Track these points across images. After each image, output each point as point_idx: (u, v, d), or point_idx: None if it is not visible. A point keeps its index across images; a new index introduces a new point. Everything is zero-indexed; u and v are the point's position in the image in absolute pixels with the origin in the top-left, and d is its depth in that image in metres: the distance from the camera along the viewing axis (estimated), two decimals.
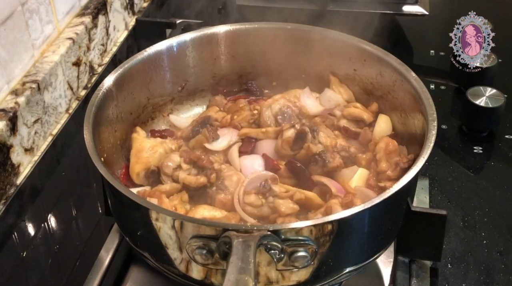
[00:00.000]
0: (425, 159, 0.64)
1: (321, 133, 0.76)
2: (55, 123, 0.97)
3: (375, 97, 0.83)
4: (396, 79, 0.78)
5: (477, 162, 0.91)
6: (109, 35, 1.14)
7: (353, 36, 0.83)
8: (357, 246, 0.64)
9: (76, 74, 1.02)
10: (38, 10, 0.95)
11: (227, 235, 0.56)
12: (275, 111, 0.80)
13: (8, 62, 0.88)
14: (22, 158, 0.88)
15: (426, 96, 0.72)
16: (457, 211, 0.83)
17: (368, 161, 0.76)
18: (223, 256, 0.57)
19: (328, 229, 0.59)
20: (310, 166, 0.74)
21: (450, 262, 0.76)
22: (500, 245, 0.78)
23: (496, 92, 0.93)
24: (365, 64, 0.82)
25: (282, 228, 0.58)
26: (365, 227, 0.63)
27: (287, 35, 0.86)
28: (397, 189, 0.61)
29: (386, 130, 0.80)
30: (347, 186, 0.72)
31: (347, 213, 0.59)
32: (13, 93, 0.88)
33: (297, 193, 0.69)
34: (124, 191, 0.62)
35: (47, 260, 0.79)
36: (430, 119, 0.68)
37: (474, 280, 0.73)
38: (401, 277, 0.72)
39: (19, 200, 0.85)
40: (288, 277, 0.61)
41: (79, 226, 0.84)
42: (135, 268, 0.75)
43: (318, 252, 0.59)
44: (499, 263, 0.75)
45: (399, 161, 0.73)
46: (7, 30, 0.87)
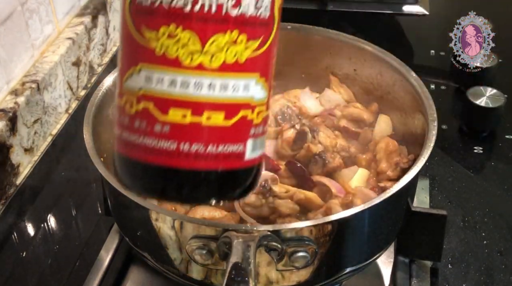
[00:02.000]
0: (426, 159, 0.64)
1: (321, 133, 0.76)
2: (55, 123, 0.97)
3: (375, 97, 0.83)
4: (396, 79, 0.78)
5: (477, 162, 0.91)
6: (109, 35, 1.14)
7: (353, 36, 0.83)
8: (357, 246, 0.64)
9: (76, 74, 1.02)
10: (38, 10, 0.95)
11: (227, 235, 0.56)
12: (275, 111, 0.80)
13: (8, 62, 0.88)
14: (22, 158, 0.88)
15: (426, 96, 0.71)
16: (458, 211, 0.83)
17: (368, 161, 0.76)
18: (223, 256, 0.57)
19: (328, 229, 0.59)
20: (310, 166, 0.74)
21: (450, 262, 0.76)
22: (500, 245, 0.78)
23: (497, 92, 0.93)
24: (365, 64, 0.82)
25: (282, 228, 0.58)
26: (365, 227, 0.63)
27: (287, 35, 0.86)
28: (397, 189, 0.61)
29: (386, 131, 0.80)
30: (347, 186, 0.72)
31: (347, 213, 0.59)
32: (12, 93, 0.88)
33: (297, 193, 0.69)
34: (124, 191, 0.62)
35: (47, 260, 0.79)
36: (431, 120, 0.68)
37: (474, 280, 0.73)
38: (401, 277, 0.72)
39: (18, 200, 0.85)
40: (288, 277, 0.61)
41: (78, 226, 0.84)
42: (135, 268, 0.75)
43: (318, 252, 0.59)
44: (499, 263, 0.75)
45: (399, 161, 0.73)
46: (6, 30, 0.87)
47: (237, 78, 0.41)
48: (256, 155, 0.44)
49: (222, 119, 0.41)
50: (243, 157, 0.43)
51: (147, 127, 0.41)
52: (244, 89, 0.42)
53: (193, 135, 0.41)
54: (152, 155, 0.41)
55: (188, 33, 0.40)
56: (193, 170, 0.42)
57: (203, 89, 0.40)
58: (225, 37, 0.40)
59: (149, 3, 0.40)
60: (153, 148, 0.41)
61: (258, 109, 0.43)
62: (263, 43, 0.43)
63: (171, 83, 0.40)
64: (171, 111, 0.41)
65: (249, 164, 0.44)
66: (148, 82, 0.41)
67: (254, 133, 0.43)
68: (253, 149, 0.44)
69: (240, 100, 0.42)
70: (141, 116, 0.41)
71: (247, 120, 0.43)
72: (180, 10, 0.39)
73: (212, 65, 0.40)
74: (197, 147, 0.41)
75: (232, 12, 0.40)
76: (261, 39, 0.43)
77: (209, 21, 0.40)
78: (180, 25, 0.40)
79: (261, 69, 0.43)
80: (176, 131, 0.41)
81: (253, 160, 0.44)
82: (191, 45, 0.40)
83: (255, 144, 0.44)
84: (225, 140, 0.42)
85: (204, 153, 0.41)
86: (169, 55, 0.40)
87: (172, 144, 0.41)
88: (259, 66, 0.43)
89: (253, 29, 0.42)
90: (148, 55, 0.41)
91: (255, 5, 0.41)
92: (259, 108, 0.43)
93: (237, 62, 0.41)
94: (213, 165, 0.42)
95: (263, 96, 0.44)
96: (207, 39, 0.40)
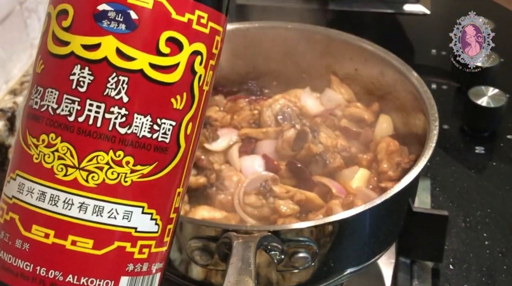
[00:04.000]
0: (427, 159, 0.63)
1: (321, 133, 0.76)
2: None
3: (376, 97, 0.82)
4: (398, 79, 0.77)
5: (479, 162, 0.91)
6: None
7: (354, 36, 0.83)
8: (358, 247, 0.64)
9: None
10: (37, 9, 0.94)
11: (227, 236, 0.56)
12: (276, 111, 0.80)
13: (7, 61, 0.88)
14: None
15: (427, 96, 0.71)
16: (459, 211, 0.82)
17: (369, 161, 0.76)
18: (223, 257, 0.57)
19: (329, 230, 0.59)
20: (310, 166, 0.74)
21: (451, 263, 0.75)
22: (502, 246, 0.78)
23: (498, 92, 0.93)
24: (366, 63, 0.82)
25: (282, 228, 0.58)
26: (366, 227, 0.62)
27: (288, 34, 0.86)
28: (399, 189, 0.60)
29: (387, 131, 0.79)
30: (348, 186, 0.71)
31: (348, 214, 0.58)
32: (11, 93, 0.88)
33: (298, 193, 0.69)
34: None
35: None
36: (432, 119, 0.68)
37: (475, 281, 0.73)
38: (402, 278, 0.72)
39: None
40: (288, 278, 0.61)
41: None
42: None
43: (318, 253, 0.59)
44: (501, 264, 0.75)
45: (400, 161, 0.73)
46: (5, 30, 0.87)
47: (116, 203, 0.36)
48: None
49: (91, 247, 0.36)
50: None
51: (9, 241, 0.37)
52: (124, 217, 0.37)
53: (52, 260, 0.36)
54: (7, 274, 0.37)
55: (66, 144, 0.36)
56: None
57: (73, 209, 0.36)
58: (107, 156, 0.36)
59: (38, 107, 0.37)
60: (10, 266, 0.37)
61: (143, 242, 0.38)
62: (157, 171, 0.37)
63: (41, 196, 0.36)
64: (34, 227, 0.36)
65: None
66: (19, 191, 0.37)
67: (132, 271, 0.38)
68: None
69: (117, 229, 0.37)
70: (6, 227, 0.38)
71: (123, 253, 0.37)
72: (64, 119, 0.36)
73: (88, 184, 0.36)
74: (54, 274, 0.36)
75: (120, 130, 0.36)
76: (154, 165, 0.37)
77: (91, 135, 0.36)
78: (59, 135, 0.36)
79: (150, 199, 0.38)
80: (34, 251, 0.36)
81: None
82: (67, 158, 0.36)
83: (132, 282, 0.38)
84: (90, 272, 0.36)
85: (61, 282, 0.36)
86: (45, 165, 0.36)
87: (28, 265, 0.36)
88: (148, 195, 0.38)
89: (144, 153, 0.37)
90: (25, 163, 0.38)
91: (150, 127, 0.37)
92: (144, 242, 0.38)
93: (119, 185, 0.36)
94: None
95: (152, 229, 0.38)
96: (86, 155, 0.36)
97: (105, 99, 0.36)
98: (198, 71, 0.38)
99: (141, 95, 0.36)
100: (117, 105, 0.36)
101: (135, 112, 0.36)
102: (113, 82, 0.36)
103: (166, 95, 0.37)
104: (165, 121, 0.37)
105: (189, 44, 0.37)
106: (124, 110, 0.36)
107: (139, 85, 0.36)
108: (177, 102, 0.37)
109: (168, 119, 0.37)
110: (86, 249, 0.36)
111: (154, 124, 0.37)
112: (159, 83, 0.36)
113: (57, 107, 0.36)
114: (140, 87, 0.36)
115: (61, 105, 0.36)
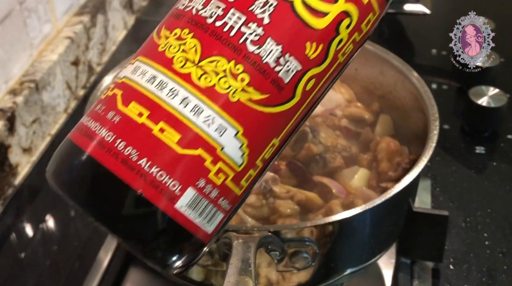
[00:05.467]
0: (427, 159, 0.63)
1: (321, 133, 0.76)
2: (54, 123, 0.96)
3: (376, 97, 0.82)
4: (398, 79, 0.77)
5: (479, 162, 0.91)
6: (108, 34, 1.13)
7: None
8: (358, 247, 0.64)
9: (74, 74, 1.02)
10: (37, 9, 0.94)
11: (227, 236, 0.55)
12: None
13: (6, 61, 0.88)
14: (20, 158, 0.88)
15: (428, 96, 0.71)
16: (459, 211, 0.82)
17: (369, 161, 0.76)
18: (223, 257, 0.57)
19: (329, 230, 0.59)
20: (310, 166, 0.74)
21: (452, 263, 0.75)
22: (502, 246, 0.77)
23: (499, 91, 0.92)
24: (366, 63, 0.82)
25: (282, 229, 0.58)
26: (366, 228, 0.62)
27: None
28: (399, 189, 0.60)
29: (388, 130, 0.79)
30: (348, 186, 0.71)
31: (348, 214, 0.58)
32: (11, 93, 0.88)
33: (298, 193, 0.69)
34: None
35: (46, 261, 0.78)
36: (432, 119, 0.68)
37: (476, 281, 0.73)
38: (402, 278, 0.71)
39: (17, 201, 0.85)
40: (288, 278, 0.61)
41: (77, 227, 0.84)
42: (134, 269, 0.75)
43: (319, 253, 0.59)
44: (501, 264, 0.75)
45: (400, 161, 0.72)
46: (5, 29, 0.87)
47: (216, 112, 0.37)
48: (193, 219, 0.37)
49: (175, 142, 0.36)
50: (172, 201, 0.36)
51: (102, 112, 0.38)
52: (217, 129, 0.37)
53: (135, 138, 0.36)
54: (85, 139, 0.38)
55: (195, 41, 0.37)
56: (112, 173, 0.36)
57: (175, 99, 0.37)
58: (227, 64, 0.37)
59: (184, 7, 0.39)
60: (92, 133, 0.37)
61: (222, 166, 0.37)
62: (265, 103, 0.38)
63: (151, 79, 0.38)
64: (132, 104, 0.37)
65: (177, 219, 0.37)
66: (133, 73, 0.39)
67: (201, 188, 0.37)
68: (190, 204, 0.37)
69: (206, 137, 0.37)
70: (105, 101, 0.39)
71: (201, 165, 0.37)
72: (203, 20, 0.38)
73: (199, 82, 0.37)
74: (130, 152, 0.36)
75: (249, 46, 0.37)
76: (265, 96, 0.38)
77: (221, 40, 0.37)
78: (192, 31, 0.38)
79: (247, 128, 0.38)
80: (122, 125, 0.37)
81: (186, 220, 0.37)
82: (191, 53, 0.37)
83: (196, 201, 0.37)
84: (164, 165, 0.36)
85: (133, 162, 0.36)
86: (167, 54, 0.38)
87: (110, 135, 0.37)
88: (247, 123, 0.38)
89: (261, 79, 0.37)
90: (149, 50, 0.40)
91: (277, 58, 0.37)
92: (224, 167, 0.38)
93: (225, 96, 0.37)
94: (135, 182, 0.36)
95: (236, 159, 0.38)
96: (208, 55, 0.37)
97: (248, 13, 0.37)
98: (342, 33, 0.39)
99: (281, 24, 0.37)
100: (257, 23, 0.37)
101: (270, 36, 0.37)
102: (262, 1, 0.37)
103: (303, 36, 0.37)
104: (292, 60, 0.38)
105: (345, 1, 0.38)
106: (260, 30, 0.37)
107: (283, 14, 0.37)
108: (311, 49, 0.38)
109: (295, 59, 0.38)
110: (171, 141, 0.36)
111: (281, 57, 0.37)
112: (302, 21, 0.37)
113: (202, 8, 0.38)
114: (284, 16, 0.37)
115: (206, 7, 0.38)
